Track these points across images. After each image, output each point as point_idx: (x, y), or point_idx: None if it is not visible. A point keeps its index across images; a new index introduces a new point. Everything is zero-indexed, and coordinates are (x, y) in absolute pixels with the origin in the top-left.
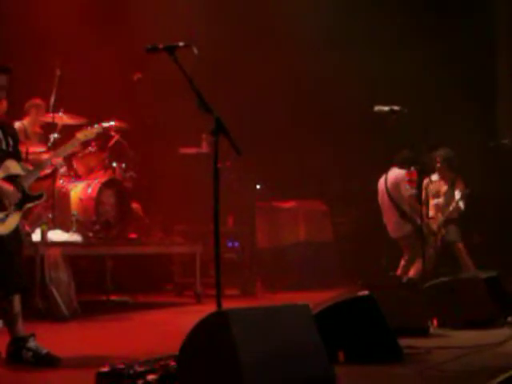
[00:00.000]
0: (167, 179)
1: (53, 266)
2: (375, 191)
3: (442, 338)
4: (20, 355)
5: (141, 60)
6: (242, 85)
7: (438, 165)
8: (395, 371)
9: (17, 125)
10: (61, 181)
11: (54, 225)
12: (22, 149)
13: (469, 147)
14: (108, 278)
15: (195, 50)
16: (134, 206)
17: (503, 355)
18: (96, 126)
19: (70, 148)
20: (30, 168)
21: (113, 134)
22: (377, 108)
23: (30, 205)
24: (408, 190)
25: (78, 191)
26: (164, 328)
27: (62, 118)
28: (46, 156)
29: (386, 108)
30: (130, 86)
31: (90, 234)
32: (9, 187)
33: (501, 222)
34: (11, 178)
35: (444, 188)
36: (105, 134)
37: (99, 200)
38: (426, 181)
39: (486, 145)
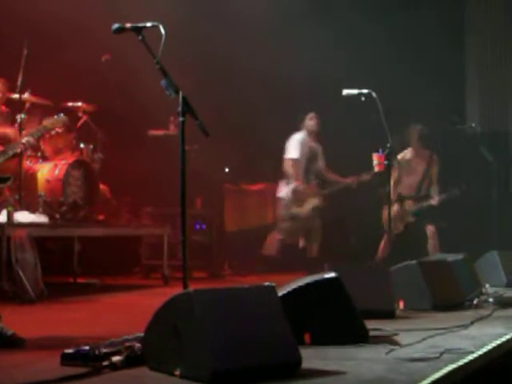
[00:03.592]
0: (135, 161)
1: (19, 248)
2: (343, 173)
3: (409, 321)
4: None
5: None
6: (210, 65)
7: (415, 141)
8: (361, 353)
9: None
10: (28, 161)
11: (21, 206)
12: None
13: (437, 132)
14: (75, 260)
15: (163, 30)
16: (102, 187)
17: (469, 337)
18: (62, 115)
19: (36, 135)
20: (0, 149)
21: (80, 115)
22: (345, 91)
23: None
24: None
25: (45, 172)
26: (131, 310)
27: (30, 99)
28: (11, 134)
29: (355, 91)
30: (98, 67)
31: (57, 216)
32: None
33: (465, 208)
34: None
35: (420, 166)
36: (72, 115)
37: (66, 181)
38: (399, 156)
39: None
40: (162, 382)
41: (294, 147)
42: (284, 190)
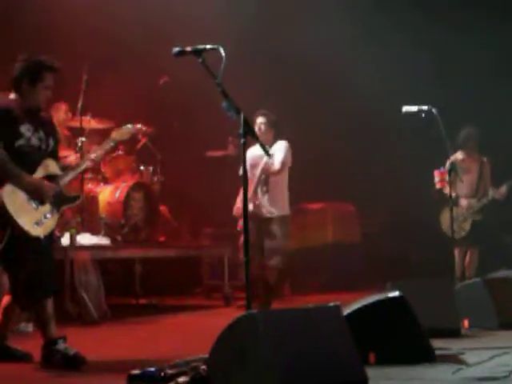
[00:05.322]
0: (194, 182)
1: (82, 270)
2: (403, 191)
3: (475, 339)
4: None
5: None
6: (264, 85)
7: (468, 143)
8: (427, 372)
9: None
10: (89, 184)
11: (83, 228)
12: None
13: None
14: (137, 282)
15: (222, 52)
16: (162, 209)
17: None
18: (129, 125)
19: (106, 148)
20: (69, 168)
21: (140, 137)
22: (405, 109)
23: (66, 206)
24: None
25: (106, 195)
26: (193, 330)
27: (90, 122)
28: (73, 159)
29: (415, 108)
30: (156, 89)
31: (119, 238)
32: (50, 186)
33: None
34: (50, 178)
35: (474, 166)
36: (132, 138)
37: (127, 203)
38: (452, 158)
39: None
40: None
41: None
42: None
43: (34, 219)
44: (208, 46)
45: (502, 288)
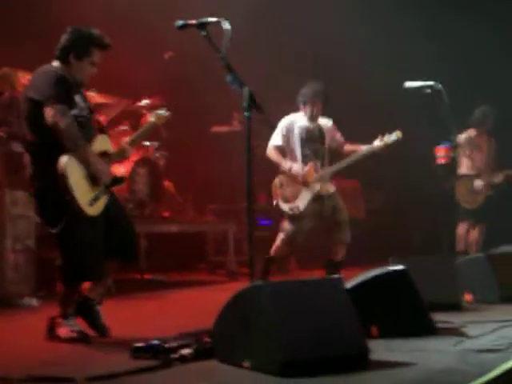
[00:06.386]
0: (199, 158)
1: None
2: (408, 167)
3: (477, 313)
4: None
5: (172, 37)
6: (272, 60)
7: (487, 122)
8: (429, 344)
9: None
10: None
11: None
12: None
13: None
14: (142, 257)
15: (227, 25)
16: (167, 184)
17: None
18: (163, 110)
19: (145, 133)
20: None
21: (144, 112)
22: (407, 84)
23: (114, 187)
24: None
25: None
26: (198, 305)
27: (94, 97)
28: None
29: (418, 84)
30: (161, 64)
31: None
32: (105, 166)
33: None
34: (103, 156)
35: (484, 144)
36: (137, 113)
37: (132, 179)
38: (465, 135)
39: None
40: (232, 374)
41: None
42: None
43: (89, 197)
44: (212, 19)
45: (504, 263)
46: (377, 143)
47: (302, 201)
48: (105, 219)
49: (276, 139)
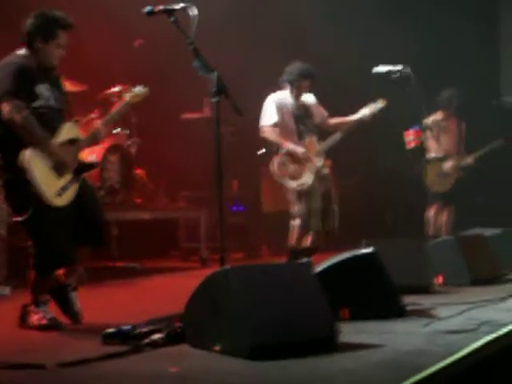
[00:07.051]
0: (171, 145)
1: None
2: (379, 153)
3: (447, 295)
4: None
5: (141, 24)
6: (243, 43)
7: (449, 104)
8: (398, 326)
9: None
10: None
11: None
12: None
13: (471, 107)
14: (114, 244)
15: (196, 11)
16: (138, 171)
17: (506, 310)
18: (140, 88)
19: (121, 112)
20: (89, 134)
21: (116, 100)
22: (375, 69)
23: (84, 174)
24: None
25: (82, 157)
26: (169, 291)
27: (65, 86)
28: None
29: (386, 68)
30: (130, 51)
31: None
32: (71, 154)
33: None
34: (71, 143)
35: (453, 126)
36: (107, 101)
37: (104, 166)
38: (433, 117)
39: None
40: (202, 358)
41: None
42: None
43: (56, 188)
44: (180, 5)
45: (473, 245)
46: (364, 111)
47: (309, 176)
48: (74, 205)
49: (272, 117)
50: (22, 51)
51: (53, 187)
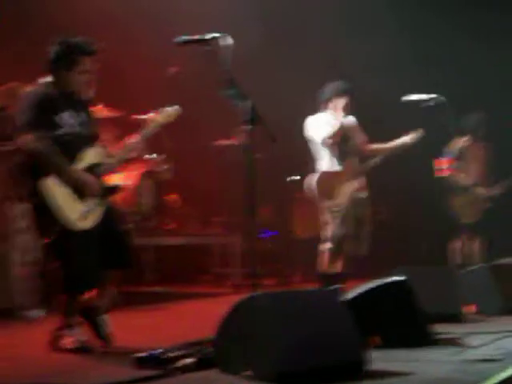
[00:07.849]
0: (204, 171)
1: None
2: (413, 180)
3: (478, 324)
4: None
5: (176, 53)
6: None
7: (480, 129)
8: (426, 354)
9: None
10: None
11: None
12: None
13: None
14: (148, 269)
15: (231, 40)
16: (172, 197)
17: None
18: (170, 108)
19: (151, 131)
20: (114, 155)
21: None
22: (404, 98)
23: (110, 197)
24: None
25: (108, 180)
26: (201, 316)
27: (102, 111)
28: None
29: (415, 97)
30: (165, 80)
31: (130, 225)
32: (89, 178)
33: None
34: (94, 167)
35: (480, 153)
36: (141, 125)
37: (138, 191)
38: (460, 143)
39: None
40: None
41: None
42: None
43: (79, 212)
44: (215, 35)
45: (506, 274)
46: (405, 139)
47: (345, 196)
48: (101, 229)
49: (326, 129)
50: (44, 79)
51: (75, 211)
